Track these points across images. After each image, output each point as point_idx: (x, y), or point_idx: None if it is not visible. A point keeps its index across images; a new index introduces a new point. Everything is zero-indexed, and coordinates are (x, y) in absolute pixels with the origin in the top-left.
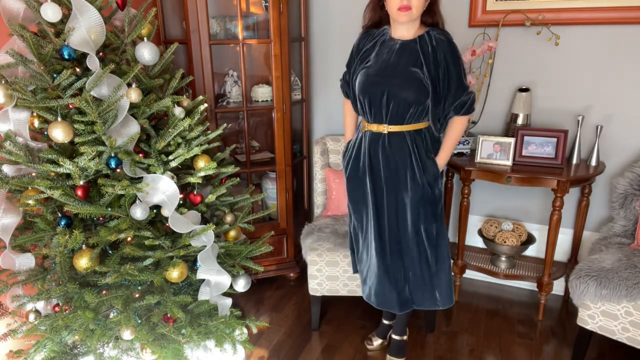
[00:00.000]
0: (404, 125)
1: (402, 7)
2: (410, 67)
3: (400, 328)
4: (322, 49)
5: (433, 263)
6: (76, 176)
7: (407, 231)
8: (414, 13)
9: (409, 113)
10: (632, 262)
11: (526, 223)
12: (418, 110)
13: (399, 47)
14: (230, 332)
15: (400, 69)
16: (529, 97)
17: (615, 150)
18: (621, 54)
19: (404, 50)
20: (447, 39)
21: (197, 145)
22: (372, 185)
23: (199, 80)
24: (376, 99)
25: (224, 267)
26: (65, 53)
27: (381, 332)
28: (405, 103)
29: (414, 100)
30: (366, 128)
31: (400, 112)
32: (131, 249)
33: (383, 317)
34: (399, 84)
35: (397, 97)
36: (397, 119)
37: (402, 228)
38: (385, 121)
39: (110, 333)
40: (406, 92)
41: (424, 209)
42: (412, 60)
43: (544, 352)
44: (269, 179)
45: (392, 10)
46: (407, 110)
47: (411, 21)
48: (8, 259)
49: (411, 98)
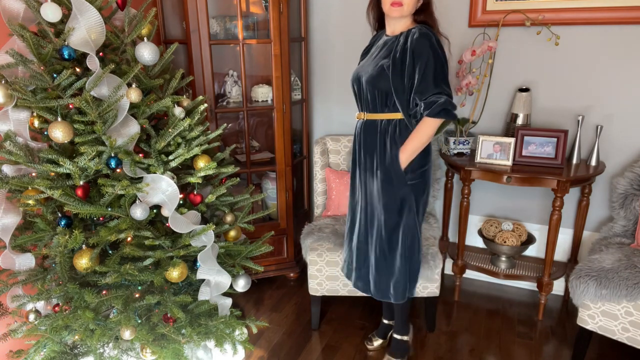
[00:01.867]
0: (378, 114)
1: (393, 2)
2: (382, 58)
3: (399, 326)
4: (322, 49)
5: (387, 255)
6: (76, 176)
7: (373, 220)
8: (405, 9)
9: (376, 100)
10: (632, 262)
11: (526, 223)
12: (383, 97)
13: (382, 43)
14: (230, 332)
15: (375, 60)
16: (529, 97)
17: (615, 150)
18: (621, 54)
19: (385, 45)
20: (422, 34)
21: (197, 145)
22: (354, 169)
23: (199, 80)
24: (358, 88)
25: (224, 267)
26: (65, 53)
27: (381, 332)
28: (372, 90)
29: (376, 86)
30: (356, 118)
31: (370, 99)
32: (131, 249)
33: (383, 317)
34: (369, 72)
35: (367, 85)
36: (371, 107)
37: (369, 216)
38: (363, 109)
39: (110, 333)
40: (373, 79)
41: (385, 199)
42: (387, 52)
43: (544, 352)
44: (269, 179)
45: (385, 5)
46: (375, 97)
47: (402, 17)
48: (8, 259)
49: (375, 84)
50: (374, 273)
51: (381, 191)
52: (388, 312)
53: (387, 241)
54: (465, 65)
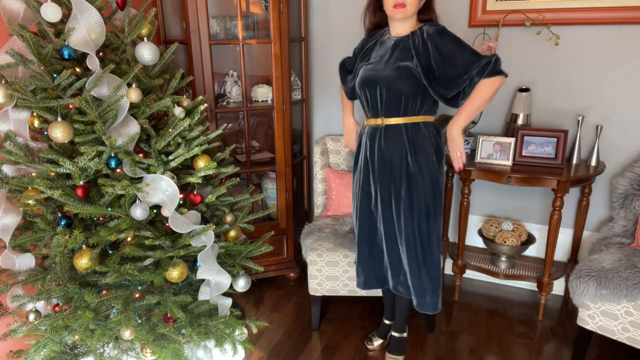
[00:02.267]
0: (400, 118)
1: (397, 4)
2: (401, 59)
3: (399, 325)
4: (322, 49)
5: (422, 263)
6: (76, 176)
7: (400, 228)
8: (409, 10)
9: (402, 104)
10: (632, 262)
11: (526, 223)
12: (410, 100)
13: (393, 44)
14: (230, 332)
15: (392, 62)
16: (529, 97)
17: (615, 150)
18: (621, 54)
19: (397, 46)
20: (436, 29)
21: (197, 145)
22: (367, 178)
23: (199, 80)
24: (372, 92)
25: (224, 267)
26: (65, 53)
27: (382, 332)
28: (397, 93)
29: (404, 90)
30: (366, 123)
31: (394, 103)
32: (131, 249)
33: (384, 317)
34: (389, 75)
35: (388, 89)
36: (393, 111)
37: (397, 224)
38: (381, 114)
39: (110, 333)
40: (397, 82)
41: (418, 203)
42: (404, 54)
43: (544, 352)
44: (269, 179)
45: (388, 8)
46: (400, 101)
47: (406, 18)
48: (8, 259)
49: (402, 88)
50: (414, 283)
51: (415, 196)
52: (390, 313)
53: (423, 247)
54: None
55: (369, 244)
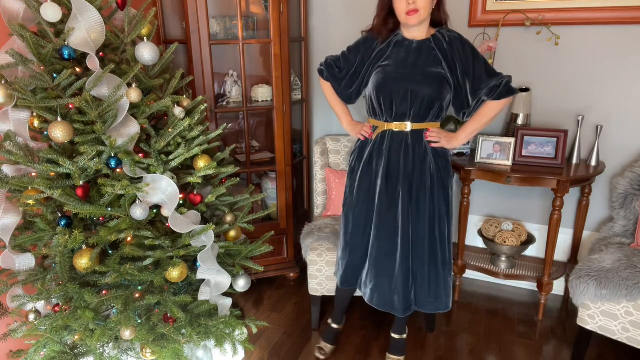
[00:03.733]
0: (425, 123)
1: (409, 10)
2: (430, 64)
3: (400, 327)
4: (322, 49)
5: (441, 265)
6: (76, 176)
7: (424, 232)
8: (422, 14)
9: (432, 110)
10: (632, 262)
11: (526, 223)
12: (439, 106)
13: (416, 46)
14: (230, 332)
15: (420, 66)
16: (529, 97)
17: (615, 150)
18: (621, 54)
19: (421, 49)
20: (459, 36)
21: (197, 145)
22: (384, 187)
23: (199, 80)
24: (398, 96)
25: (224, 267)
26: (65, 53)
27: (331, 336)
28: (429, 100)
29: (437, 96)
30: (385, 128)
31: (424, 109)
32: (131, 249)
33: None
34: (421, 81)
35: (420, 94)
36: (420, 117)
37: (415, 229)
38: (408, 119)
39: (110, 333)
40: (429, 89)
41: (439, 208)
42: (431, 59)
43: (544, 352)
44: (269, 179)
45: (402, 16)
46: (431, 107)
47: (421, 22)
48: (8, 259)
49: (435, 94)
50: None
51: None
52: (341, 316)
53: (444, 250)
54: None
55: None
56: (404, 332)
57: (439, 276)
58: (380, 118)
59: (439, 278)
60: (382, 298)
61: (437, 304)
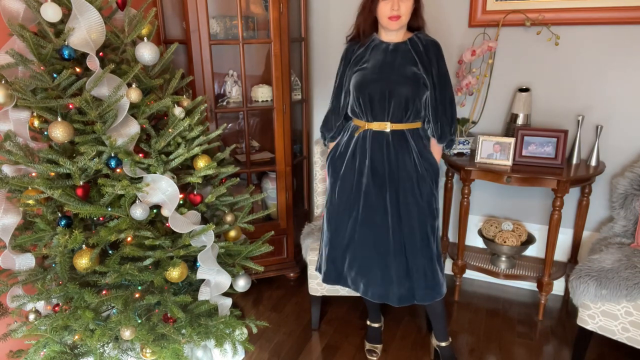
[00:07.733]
0: (404, 124)
1: (392, 16)
2: (406, 65)
3: (442, 333)
4: (322, 49)
5: (436, 258)
6: (76, 176)
7: (414, 228)
8: (404, 20)
9: (409, 110)
10: (632, 262)
11: (526, 223)
12: (416, 106)
13: (393, 48)
14: (230, 332)
15: (397, 67)
16: (529, 97)
17: (615, 150)
18: (621, 54)
19: (397, 51)
20: (435, 42)
21: (197, 145)
22: (371, 185)
23: (199, 80)
24: (376, 96)
25: (224, 267)
26: (65, 53)
27: (375, 337)
28: (406, 100)
29: (413, 96)
30: (365, 127)
31: (401, 109)
32: (131, 249)
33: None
34: (397, 80)
35: (397, 94)
36: (398, 117)
37: (407, 225)
38: (387, 119)
39: (110, 333)
40: (405, 88)
41: (428, 204)
42: (407, 60)
43: (544, 352)
44: (269, 179)
45: (383, 19)
46: (408, 107)
47: (401, 27)
48: (8, 259)
49: (410, 94)
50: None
51: (426, 198)
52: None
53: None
54: (465, 65)
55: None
56: (447, 337)
57: (434, 268)
58: (362, 118)
59: (435, 270)
60: (376, 291)
61: (434, 293)
